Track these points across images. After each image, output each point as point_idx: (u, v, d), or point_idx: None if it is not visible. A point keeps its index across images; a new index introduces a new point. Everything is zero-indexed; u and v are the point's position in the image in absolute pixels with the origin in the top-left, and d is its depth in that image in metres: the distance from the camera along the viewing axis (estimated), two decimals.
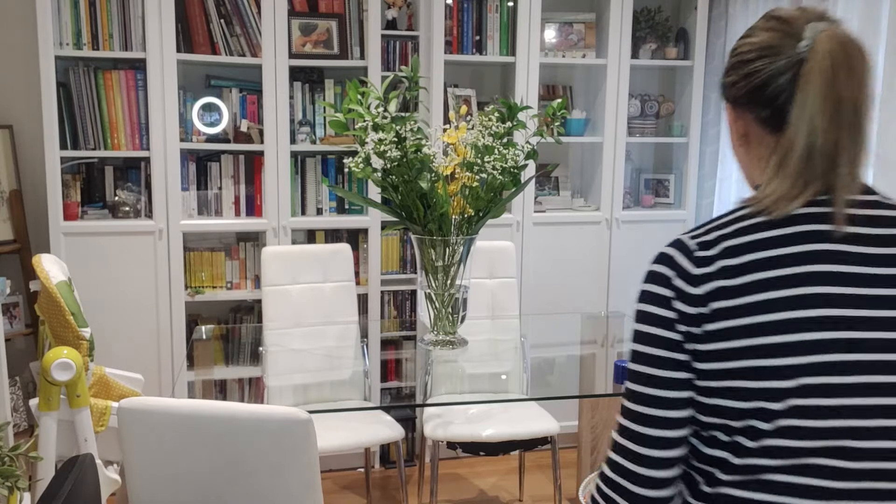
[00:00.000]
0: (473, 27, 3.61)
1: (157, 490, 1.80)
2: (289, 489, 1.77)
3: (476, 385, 2.70)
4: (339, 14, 3.52)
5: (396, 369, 2.99)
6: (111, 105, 3.32)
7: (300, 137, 3.52)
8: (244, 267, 3.57)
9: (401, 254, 3.72)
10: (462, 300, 2.60)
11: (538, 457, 3.83)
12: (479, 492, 3.50)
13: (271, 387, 2.66)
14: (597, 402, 3.22)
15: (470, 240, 2.55)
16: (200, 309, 3.64)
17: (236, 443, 1.73)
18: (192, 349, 2.92)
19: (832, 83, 0.97)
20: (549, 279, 3.78)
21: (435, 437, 2.83)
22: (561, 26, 3.76)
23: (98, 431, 2.48)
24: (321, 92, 3.56)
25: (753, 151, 1.10)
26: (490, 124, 2.46)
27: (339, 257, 3.26)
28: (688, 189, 3.92)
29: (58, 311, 2.42)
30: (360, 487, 3.51)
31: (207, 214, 3.53)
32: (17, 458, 1.74)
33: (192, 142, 3.45)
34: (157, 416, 1.74)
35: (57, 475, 1.58)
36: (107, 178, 3.46)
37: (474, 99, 3.72)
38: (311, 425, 1.72)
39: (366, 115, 2.42)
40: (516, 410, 3.01)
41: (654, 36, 3.86)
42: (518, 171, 2.49)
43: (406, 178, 2.41)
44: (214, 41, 3.40)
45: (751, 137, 1.09)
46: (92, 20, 3.24)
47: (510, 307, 3.33)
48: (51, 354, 2.33)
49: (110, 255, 3.31)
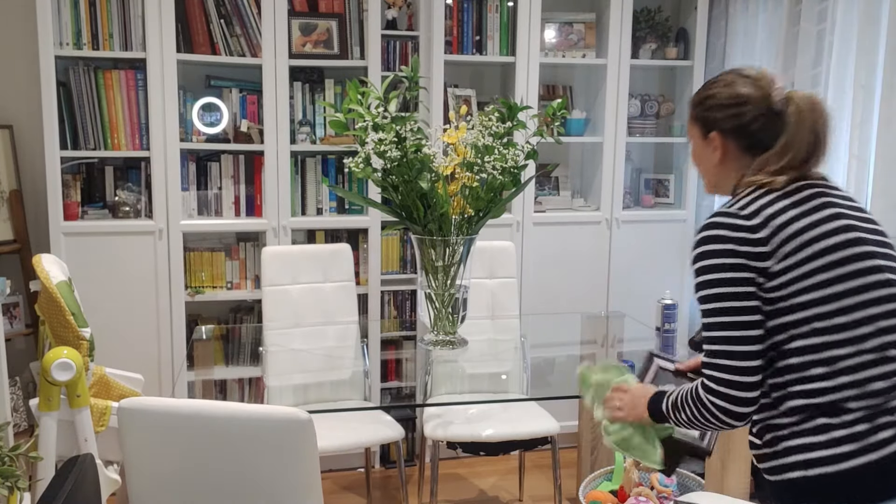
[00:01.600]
0: (473, 27, 3.61)
1: (157, 490, 1.80)
2: (289, 489, 1.77)
3: (476, 385, 2.70)
4: (339, 14, 3.52)
5: (396, 369, 2.99)
6: (111, 105, 3.32)
7: (300, 137, 3.52)
8: (244, 267, 3.57)
9: (401, 254, 3.72)
10: (462, 300, 2.60)
11: (538, 457, 3.83)
12: (479, 492, 3.50)
13: (271, 387, 2.66)
14: None
15: (470, 240, 2.55)
16: (200, 309, 3.64)
17: (236, 443, 1.73)
18: (192, 349, 2.92)
19: (814, 122, 1.53)
20: (549, 279, 3.78)
21: (435, 437, 2.83)
22: (561, 26, 3.76)
23: (98, 431, 2.48)
24: (321, 92, 3.56)
25: (730, 165, 1.61)
26: (490, 124, 2.45)
27: (339, 257, 3.26)
28: (688, 189, 3.92)
29: (58, 311, 2.42)
30: (360, 487, 3.51)
31: (207, 214, 3.53)
32: (17, 458, 1.74)
33: (192, 142, 3.45)
34: (157, 416, 1.74)
35: (57, 475, 1.58)
36: (107, 178, 3.46)
37: (474, 99, 3.72)
38: (311, 425, 1.72)
39: (366, 115, 2.42)
40: (516, 410, 3.00)
41: (654, 36, 3.86)
42: (518, 171, 2.49)
43: (406, 178, 2.41)
44: (214, 41, 3.40)
45: (729, 157, 1.61)
46: (92, 20, 3.24)
47: (510, 307, 3.32)
48: (51, 354, 2.33)
49: (110, 255, 3.31)
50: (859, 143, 2.96)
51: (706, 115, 1.61)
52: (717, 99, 1.59)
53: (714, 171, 1.64)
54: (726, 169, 1.61)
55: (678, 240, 3.92)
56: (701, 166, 1.67)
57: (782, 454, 1.46)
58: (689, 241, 3.93)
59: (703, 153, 1.64)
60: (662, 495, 2.77)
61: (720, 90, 1.59)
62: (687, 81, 3.90)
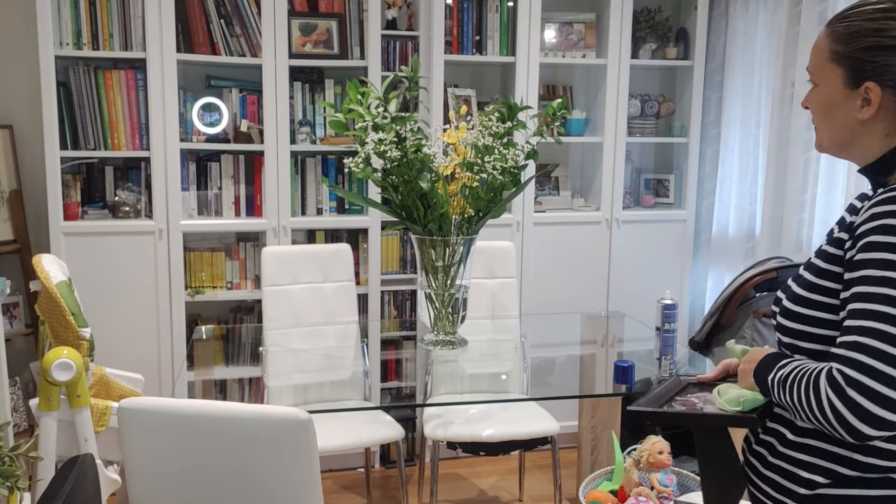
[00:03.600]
0: (473, 27, 3.61)
1: (157, 490, 1.80)
2: (289, 489, 1.77)
3: (476, 385, 2.70)
4: (339, 14, 3.52)
5: (396, 369, 2.99)
6: (111, 105, 3.32)
7: (300, 137, 3.52)
8: (244, 267, 3.57)
9: (401, 254, 3.72)
10: (462, 300, 2.60)
11: (538, 457, 3.83)
12: (479, 492, 3.50)
13: (271, 387, 2.66)
14: (597, 402, 3.21)
15: (470, 240, 2.55)
16: (200, 309, 3.63)
17: (236, 443, 1.73)
18: (192, 349, 2.92)
19: None
20: (549, 279, 3.78)
21: (435, 437, 2.83)
22: (561, 26, 3.76)
23: (98, 431, 2.48)
24: (321, 92, 3.56)
25: (878, 126, 1.24)
26: (490, 124, 2.45)
27: (339, 257, 3.26)
28: (688, 189, 3.92)
29: (58, 311, 2.41)
30: (360, 487, 3.51)
31: (207, 214, 3.53)
32: (17, 458, 1.74)
33: (192, 142, 3.45)
34: (157, 416, 1.74)
35: (57, 475, 1.58)
36: (107, 178, 3.46)
37: (474, 99, 3.72)
38: (311, 425, 1.72)
39: (366, 115, 2.42)
40: (516, 410, 3.00)
41: (654, 36, 3.86)
42: (518, 171, 2.49)
43: (406, 178, 2.41)
44: (214, 41, 3.40)
45: (881, 115, 1.23)
46: (92, 20, 3.24)
47: (510, 307, 3.32)
48: (51, 354, 2.33)
49: (110, 255, 3.31)
50: None
51: (866, 59, 1.21)
52: (890, 37, 1.20)
53: (852, 128, 1.26)
54: (871, 129, 1.25)
55: (678, 240, 3.92)
56: (829, 120, 1.29)
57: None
58: (689, 241, 3.93)
59: (843, 105, 1.26)
60: (662, 495, 2.77)
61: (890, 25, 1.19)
62: (687, 81, 3.90)
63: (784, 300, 1.34)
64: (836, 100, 1.25)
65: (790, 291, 1.33)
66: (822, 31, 1.29)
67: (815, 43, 1.30)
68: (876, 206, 1.18)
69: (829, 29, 1.27)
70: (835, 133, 1.28)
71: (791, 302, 1.32)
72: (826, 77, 1.26)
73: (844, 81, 1.24)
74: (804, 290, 1.29)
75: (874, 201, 1.19)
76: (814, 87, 1.30)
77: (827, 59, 1.26)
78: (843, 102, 1.25)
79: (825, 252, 1.29)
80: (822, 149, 1.32)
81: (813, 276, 1.29)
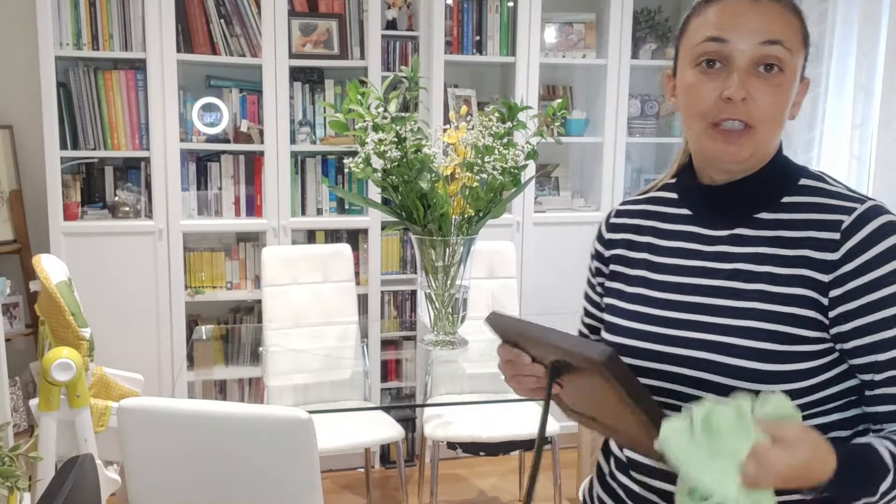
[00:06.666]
0: (473, 27, 3.61)
1: (157, 490, 1.80)
2: (289, 489, 1.77)
3: (476, 385, 2.70)
4: (339, 14, 3.52)
5: (396, 369, 2.99)
6: (111, 105, 3.32)
7: (300, 137, 3.52)
8: (244, 267, 3.57)
9: (401, 254, 3.72)
10: (462, 300, 2.60)
11: None
12: (479, 492, 3.50)
13: (271, 387, 2.66)
14: None
15: (470, 240, 2.55)
16: (200, 309, 3.63)
17: (236, 443, 1.73)
18: (192, 349, 2.92)
19: None
20: (549, 279, 3.78)
21: (435, 437, 2.83)
22: (561, 26, 3.76)
23: (98, 431, 2.48)
24: (321, 92, 3.56)
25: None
26: (490, 124, 2.45)
27: (339, 257, 3.26)
28: None
29: (58, 311, 2.42)
30: (360, 487, 3.52)
31: (207, 215, 3.53)
32: (17, 458, 1.74)
33: (192, 142, 3.45)
34: (157, 416, 1.74)
35: (57, 475, 1.58)
36: (107, 178, 3.45)
37: (474, 99, 3.72)
38: (311, 425, 1.72)
39: (366, 116, 2.42)
40: (516, 410, 3.01)
41: (654, 36, 3.86)
42: (518, 171, 2.49)
43: (406, 178, 2.41)
44: (214, 41, 3.40)
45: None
46: (92, 20, 3.24)
47: (510, 307, 3.32)
48: (51, 354, 2.33)
49: (110, 255, 3.31)
50: (859, 144, 2.96)
51: (808, 50, 1.12)
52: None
53: (780, 127, 1.10)
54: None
55: None
56: (777, 120, 1.08)
57: None
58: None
59: (792, 100, 1.10)
60: None
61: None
62: None
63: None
64: (790, 96, 1.10)
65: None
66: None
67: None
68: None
69: (799, 23, 1.11)
70: (771, 135, 1.10)
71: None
72: (793, 71, 1.09)
73: (800, 74, 1.11)
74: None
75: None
76: (783, 88, 1.09)
77: (797, 54, 1.09)
78: (795, 97, 1.11)
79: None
80: (749, 158, 1.10)
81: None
